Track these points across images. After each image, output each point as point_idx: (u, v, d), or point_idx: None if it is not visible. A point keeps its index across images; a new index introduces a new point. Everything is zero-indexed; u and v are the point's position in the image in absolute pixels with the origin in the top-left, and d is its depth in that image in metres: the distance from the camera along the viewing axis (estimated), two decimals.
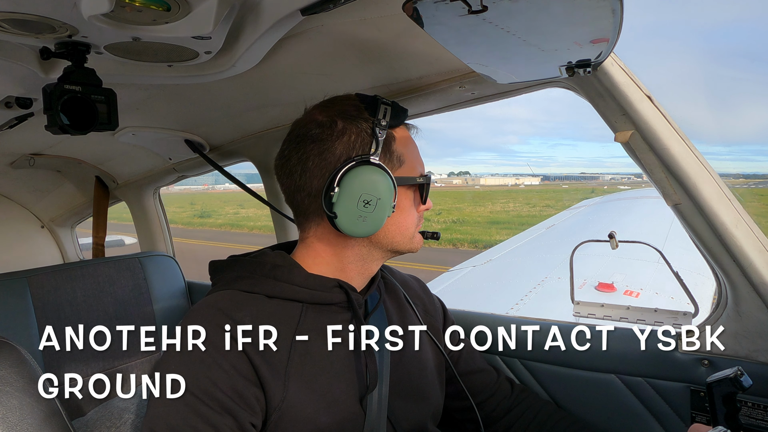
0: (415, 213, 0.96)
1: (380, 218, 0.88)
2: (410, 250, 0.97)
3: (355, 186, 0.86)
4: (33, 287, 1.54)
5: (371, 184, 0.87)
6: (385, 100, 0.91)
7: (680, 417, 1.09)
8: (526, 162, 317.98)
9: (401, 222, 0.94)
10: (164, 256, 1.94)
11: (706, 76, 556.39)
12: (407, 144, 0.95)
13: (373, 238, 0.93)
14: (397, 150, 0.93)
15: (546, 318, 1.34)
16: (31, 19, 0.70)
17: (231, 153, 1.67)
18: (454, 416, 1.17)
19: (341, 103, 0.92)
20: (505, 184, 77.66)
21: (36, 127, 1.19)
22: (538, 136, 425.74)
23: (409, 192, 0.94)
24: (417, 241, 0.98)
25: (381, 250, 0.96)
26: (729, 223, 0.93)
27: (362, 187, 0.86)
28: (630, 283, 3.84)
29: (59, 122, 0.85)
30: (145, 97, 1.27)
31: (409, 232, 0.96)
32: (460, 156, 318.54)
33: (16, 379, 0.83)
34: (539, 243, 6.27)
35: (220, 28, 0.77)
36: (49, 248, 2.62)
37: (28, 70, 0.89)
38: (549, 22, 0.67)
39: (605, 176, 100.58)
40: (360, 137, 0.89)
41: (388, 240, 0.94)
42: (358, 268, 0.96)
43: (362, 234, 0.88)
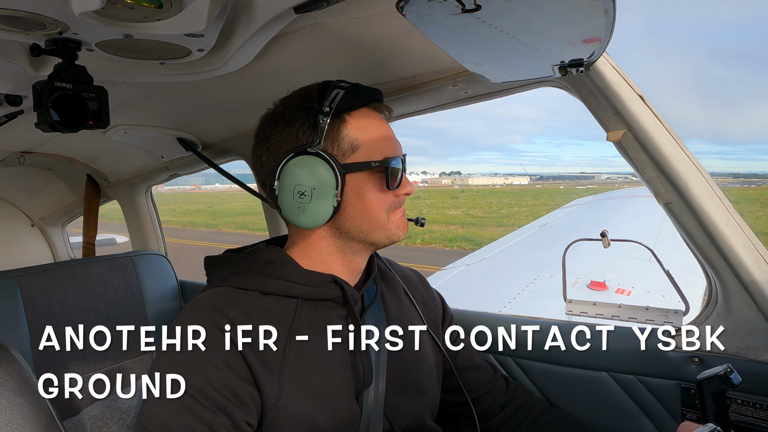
0: (384, 198, 0.91)
1: (321, 208, 0.86)
2: (388, 238, 0.93)
3: (289, 178, 0.86)
4: (23, 287, 1.53)
5: (304, 175, 0.86)
6: (343, 84, 0.88)
7: (671, 414, 1.10)
8: (532, 160, 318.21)
9: (365, 209, 0.90)
10: (156, 255, 1.92)
11: (708, 76, 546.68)
12: (365, 127, 0.90)
13: (339, 229, 0.92)
14: (349, 135, 0.89)
15: (539, 317, 1.35)
16: (21, 16, 0.69)
17: (224, 151, 1.67)
18: (449, 411, 1.17)
19: (299, 92, 0.92)
20: (494, 183, 77.95)
21: (26, 125, 1.18)
22: (543, 135, 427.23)
23: (371, 177, 0.90)
24: (394, 228, 0.93)
25: (355, 242, 0.93)
26: (719, 222, 0.94)
27: (295, 178, 0.86)
28: (622, 281, 3.86)
29: (49, 120, 0.84)
30: (137, 95, 1.26)
31: (378, 218, 0.91)
32: (464, 155, 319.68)
33: (5, 380, 0.82)
34: (532, 242, 6.29)
35: (213, 26, 0.76)
36: (40, 247, 2.60)
37: (18, 67, 0.88)
38: (542, 22, 0.68)
39: (601, 176, 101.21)
40: (304, 126, 0.88)
41: (355, 229, 0.91)
42: (340, 260, 0.94)
43: (308, 225, 0.88)
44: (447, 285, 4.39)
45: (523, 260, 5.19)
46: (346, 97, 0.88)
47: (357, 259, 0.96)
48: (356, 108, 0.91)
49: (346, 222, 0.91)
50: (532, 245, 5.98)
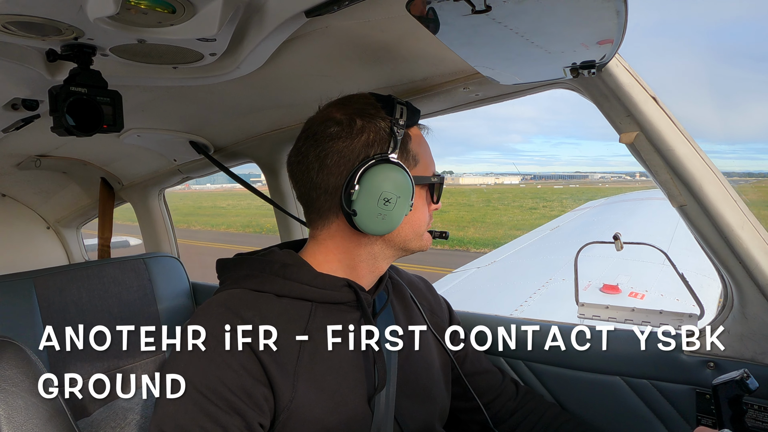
0: (427, 212, 0.97)
1: (398, 216, 0.89)
2: (420, 248, 0.98)
3: (375, 184, 0.86)
4: (39, 288, 1.55)
5: (392, 182, 0.87)
6: (400, 100, 0.92)
7: (686, 420, 1.08)
8: (530, 160, 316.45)
9: (415, 220, 0.94)
10: (169, 257, 1.94)
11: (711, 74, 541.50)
12: (421, 143, 0.96)
13: (387, 237, 0.94)
14: (413, 149, 0.93)
15: (550, 320, 1.34)
16: (37, 22, 0.71)
17: (235, 154, 1.68)
18: (460, 417, 1.17)
19: (358, 101, 0.92)
20: (485, 183, 77.66)
21: (42, 129, 1.19)
22: (542, 134, 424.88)
23: (422, 191, 0.95)
24: (426, 240, 0.98)
25: (393, 249, 0.96)
26: (734, 225, 0.93)
27: (383, 185, 0.87)
28: (635, 284, 3.82)
29: (65, 124, 0.85)
30: (150, 99, 1.28)
31: (421, 230, 0.96)
32: (462, 155, 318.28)
33: (21, 380, 0.83)
34: (543, 244, 6.25)
35: (225, 30, 0.77)
36: (55, 249, 2.64)
37: (35, 72, 0.90)
38: (554, 23, 0.67)
39: (594, 175, 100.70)
40: (378, 136, 0.89)
41: (401, 238, 0.94)
42: (369, 266, 0.96)
43: (381, 232, 0.89)
44: (458, 288, 4.37)
45: (534, 263, 5.16)
46: (410, 114, 0.92)
47: (383, 265, 0.98)
48: (414, 125, 0.96)
49: (396, 231, 0.93)
50: (543, 248, 5.94)
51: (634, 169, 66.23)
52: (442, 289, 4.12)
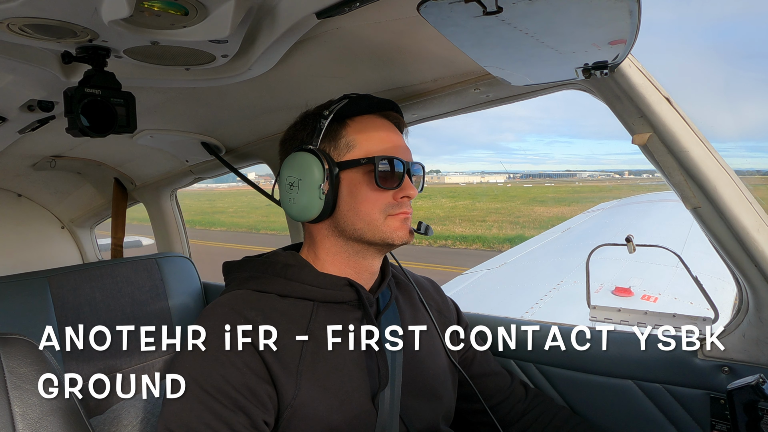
0: (379, 198, 0.92)
1: (308, 200, 0.91)
2: (382, 240, 0.93)
3: (283, 171, 0.94)
4: (53, 287, 1.57)
5: (294, 167, 0.92)
6: (353, 94, 0.96)
7: (699, 425, 1.07)
8: (523, 158, 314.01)
9: (357, 206, 0.92)
10: (180, 257, 1.96)
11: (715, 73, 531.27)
12: (365, 130, 0.94)
13: (337, 227, 0.94)
14: (347, 136, 0.94)
15: (563, 322, 1.33)
16: (53, 24, 0.72)
17: (246, 155, 1.69)
18: (469, 419, 1.16)
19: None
20: (470, 182, 77.14)
21: (57, 130, 1.21)
22: (535, 133, 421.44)
23: (366, 176, 0.92)
24: (389, 231, 0.92)
25: (354, 241, 0.94)
26: (750, 227, 0.91)
27: (286, 170, 0.94)
28: (648, 287, 3.77)
29: (79, 125, 0.87)
30: (163, 100, 1.29)
31: (371, 217, 0.92)
32: (456, 153, 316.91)
33: (36, 378, 0.84)
34: (555, 246, 6.20)
35: (237, 32, 0.78)
36: (69, 249, 2.67)
37: (50, 73, 0.91)
38: (566, 24, 0.67)
39: (583, 173, 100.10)
40: (307, 129, 0.95)
41: (350, 227, 0.93)
42: (346, 262, 0.96)
43: (299, 217, 0.93)
44: (468, 289, 4.35)
45: (545, 265, 5.11)
46: (351, 104, 0.94)
47: (362, 262, 0.97)
48: (359, 114, 0.95)
49: (342, 219, 0.93)
50: (555, 250, 5.90)
51: (623, 168, 64.91)
52: (452, 291, 4.11)
